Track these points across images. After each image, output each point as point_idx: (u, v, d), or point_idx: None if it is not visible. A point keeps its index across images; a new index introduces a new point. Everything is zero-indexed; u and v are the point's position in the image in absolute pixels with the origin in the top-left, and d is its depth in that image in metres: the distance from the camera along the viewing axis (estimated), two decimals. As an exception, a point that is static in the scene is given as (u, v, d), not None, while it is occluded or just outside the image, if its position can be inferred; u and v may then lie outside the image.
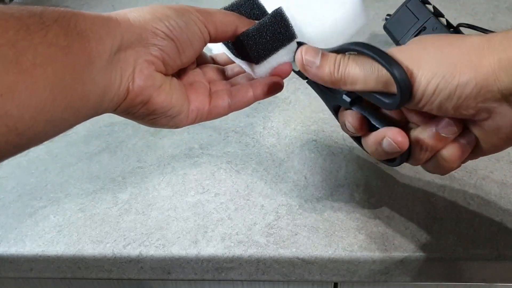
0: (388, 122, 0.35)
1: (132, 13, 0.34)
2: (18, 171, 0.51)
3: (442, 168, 0.35)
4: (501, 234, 0.42)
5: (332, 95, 0.39)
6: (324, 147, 0.52)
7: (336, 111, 0.40)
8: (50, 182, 0.50)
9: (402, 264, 0.41)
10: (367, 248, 0.41)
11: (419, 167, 0.49)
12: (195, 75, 0.40)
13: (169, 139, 0.54)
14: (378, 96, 0.33)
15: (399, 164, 0.36)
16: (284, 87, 0.62)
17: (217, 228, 0.44)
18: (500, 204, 0.45)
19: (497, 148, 0.33)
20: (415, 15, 0.61)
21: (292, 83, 0.62)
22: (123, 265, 0.43)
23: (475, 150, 0.34)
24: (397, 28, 0.64)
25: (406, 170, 0.48)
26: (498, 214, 0.44)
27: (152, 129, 0.55)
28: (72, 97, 0.29)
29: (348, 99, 0.36)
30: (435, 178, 0.47)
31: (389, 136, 0.33)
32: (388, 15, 0.69)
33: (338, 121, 0.39)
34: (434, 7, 0.62)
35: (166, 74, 0.36)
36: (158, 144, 0.54)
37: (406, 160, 0.36)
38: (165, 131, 0.55)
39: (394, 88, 0.31)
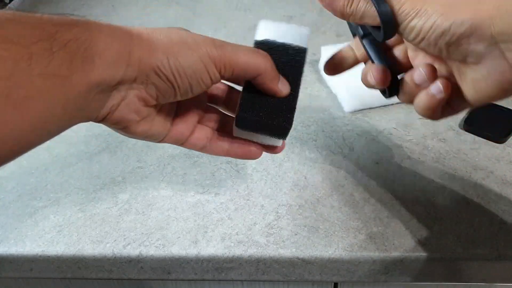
0: (391, 61, 0.38)
1: (153, 40, 0.33)
2: (18, 171, 0.51)
3: (421, 110, 0.37)
4: (501, 234, 0.42)
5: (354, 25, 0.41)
6: (324, 147, 0.52)
7: (354, 35, 0.42)
8: (50, 182, 0.50)
9: (402, 264, 0.41)
10: (367, 248, 0.41)
11: (419, 168, 0.49)
12: (191, 101, 0.38)
13: (169, 139, 0.54)
14: (374, 30, 0.35)
15: (388, 97, 0.38)
16: (284, 87, 0.62)
17: (217, 228, 0.44)
18: (500, 204, 0.45)
19: (483, 96, 0.34)
20: None
21: (292, 83, 0.62)
22: (123, 265, 0.43)
23: (458, 101, 0.35)
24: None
25: (406, 170, 0.48)
26: (498, 214, 0.44)
27: (152, 129, 0.55)
28: (58, 124, 0.29)
29: (361, 32, 0.39)
30: (435, 178, 0.47)
31: (372, 71, 0.37)
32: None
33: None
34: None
35: (156, 106, 0.35)
36: (158, 144, 0.53)
37: (395, 94, 0.38)
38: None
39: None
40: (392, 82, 0.37)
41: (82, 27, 0.29)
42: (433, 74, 0.35)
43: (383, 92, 0.39)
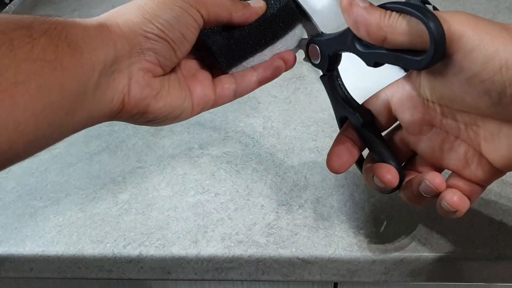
0: (393, 152, 0.35)
1: (121, 17, 0.32)
2: (18, 171, 0.51)
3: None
4: (501, 234, 0.42)
5: (343, 106, 0.38)
6: (324, 147, 0.52)
7: (342, 122, 0.39)
8: (50, 182, 0.50)
9: (402, 264, 0.41)
10: (367, 248, 0.41)
11: (419, 167, 0.49)
12: (194, 64, 0.38)
13: (169, 139, 0.54)
14: (408, 56, 0.30)
15: (388, 193, 0.37)
16: (284, 87, 0.62)
17: (217, 228, 0.44)
18: (500, 204, 0.45)
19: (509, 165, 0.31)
20: None
21: (292, 83, 0.62)
22: (123, 265, 0.43)
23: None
24: None
25: (406, 170, 0.48)
26: (498, 214, 0.44)
27: (152, 129, 0.55)
28: (59, 115, 0.27)
29: (360, 120, 0.35)
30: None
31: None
32: (388, 15, 0.69)
33: (338, 121, 0.39)
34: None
35: (163, 75, 0.35)
36: (158, 144, 0.54)
37: (397, 189, 0.36)
38: (165, 131, 0.55)
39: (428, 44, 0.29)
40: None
41: (55, 20, 0.28)
42: (442, 185, 0.32)
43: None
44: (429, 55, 0.28)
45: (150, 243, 0.43)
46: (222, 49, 0.36)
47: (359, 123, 0.36)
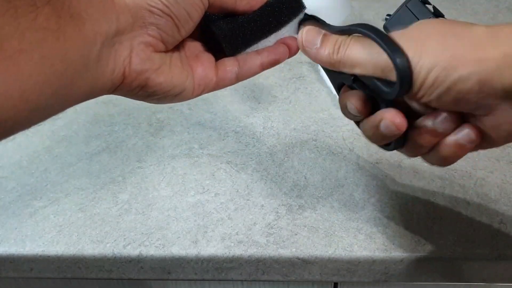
0: (390, 103, 0.33)
1: None
2: (18, 171, 0.51)
3: (442, 161, 0.34)
4: (501, 234, 0.42)
5: (337, 72, 0.37)
6: (324, 147, 0.52)
7: (339, 89, 0.38)
8: (50, 182, 0.50)
9: (402, 264, 0.41)
10: (367, 248, 0.41)
11: (418, 168, 0.49)
12: (198, 45, 0.38)
13: (169, 139, 0.54)
14: (377, 82, 0.31)
15: (393, 149, 0.35)
16: (284, 87, 0.62)
17: (217, 228, 0.44)
18: (500, 204, 0.45)
19: (494, 144, 0.32)
20: (415, 15, 0.61)
21: (292, 83, 0.62)
22: (123, 265, 0.43)
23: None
24: (397, 28, 0.63)
25: (406, 170, 0.48)
26: (498, 214, 0.44)
27: (152, 129, 0.55)
28: (61, 84, 0.27)
29: (351, 77, 0.35)
30: (435, 178, 0.47)
31: (387, 118, 0.32)
32: (388, 15, 0.69)
33: (340, 102, 0.38)
34: (434, 7, 0.62)
35: (166, 51, 0.34)
36: (158, 144, 0.54)
37: (401, 146, 0.34)
38: (165, 131, 0.55)
39: (393, 76, 0.30)
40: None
41: None
42: (459, 119, 0.32)
43: (386, 144, 0.35)
44: (395, 90, 0.29)
45: (150, 243, 0.43)
46: (226, 35, 0.36)
47: (351, 80, 0.35)
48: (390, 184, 0.47)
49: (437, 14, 0.60)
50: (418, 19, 0.60)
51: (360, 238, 0.42)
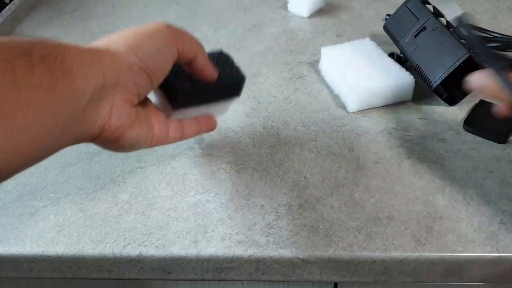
0: None
1: (112, 46, 0.35)
2: (18, 171, 0.51)
3: None
4: (501, 234, 0.42)
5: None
6: (324, 147, 0.52)
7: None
8: (50, 182, 0.50)
9: (402, 264, 0.41)
10: (367, 248, 0.41)
11: (418, 168, 0.49)
12: (150, 100, 0.41)
13: (169, 139, 0.54)
14: None
15: None
16: (284, 87, 0.62)
17: (217, 228, 0.44)
18: (500, 204, 0.45)
19: None
20: (415, 15, 0.61)
21: (292, 83, 0.62)
22: (123, 265, 0.43)
23: None
24: (397, 28, 0.64)
25: (406, 170, 0.48)
26: (498, 214, 0.44)
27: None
28: (50, 137, 0.29)
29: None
30: (435, 178, 0.47)
31: None
32: (388, 15, 0.69)
33: None
34: (434, 7, 0.62)
35: (137, 105, 0.37)
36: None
37: None
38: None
39: None
40: None
41: (52, 44, 0.30)
42: None
43: None
44: None
45: (150, 243, 0.43)
46: (180, 90, 0.41)
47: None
48: (390, 184, 0.47)
49: (437, 14, 0.60)
50: (418, 19, 0.60)
51: (360, 238, 0.42)
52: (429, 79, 0.55)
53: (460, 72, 0.53)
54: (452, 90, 0.56)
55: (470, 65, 0.53)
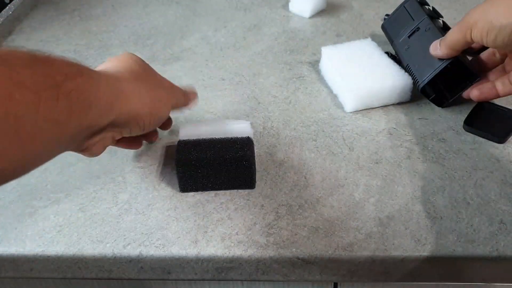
0: None
1: (136, 95, 0.40)
2: (18, 171, 0.51)
3: None
4: (501, 234, 0.42)
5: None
6: (324, 147, 0.52)
7: None
8: (50, 182, 0.50)
9: (402, 264, 0.42)
10: (367, 248, 0.41)
11: (419, 168, 0.49)
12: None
13: (169, 139, 0.54)
14: None
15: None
16: (284, 87, 0.62)
17: (217, 228, 0.44)
18: (500, 204, 0.45)
19: None
20: (411, 16, 0.62)
21: (292, 83, 0.62)
22: (123, 265, 0.43)
23: None
24: (393, 27, 0.64)
25: (406, 170, 0.48)
26: (498, 214, 0.44)
27: (152, 129, 0.55)
28: (46, 157, 0.33)
29: None
30: (435, 178, 0.47)
31: None
32: (386, 15, 0.69)
33: None
34: (432, 8, 0.62)
35: None
36: (159, 144, 0.54)
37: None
38: (165, 131, 0.55)
39: None
40: None
41: (85, 77, 0.33)
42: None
43: None
44: None
45: (150, 243, 0.43)
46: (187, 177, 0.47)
47: None
48: (390, 184, 0.47)
49: (433, 15, 0.60)
50: (413, 20, 0.60)
51: (360, 238, 0.42)
52: (417, 79, 0.55)
53: (448, 73, 0.53)
54: (440, 91, 0.56)
55: (457, 67, 0.53)
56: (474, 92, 0.53)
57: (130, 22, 0.79)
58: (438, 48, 0.53)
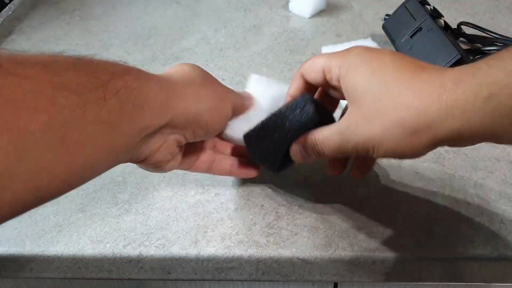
0: None
1: (194, 92, 0.36)
2: (18, 171, 0.51)
3: None
4: (501, 234, 0.42)
5: None
6: (324, 147, 0.52)
7: None
8: (50, 182, 0.50)
9: (402, 264, 0.41)
10: (367, 248, 0.41)
11: (419, 168, 0.49)
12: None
13: (169, 139, 0.54)
14: None
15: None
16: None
17: (217, 228, 0.44)
18: (500, 204, 0.45)
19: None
20: (412, 16, 0.61)
21: (292, 83, 0.62)
22: (123, 265, 0.43)
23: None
24: (395, 28, 0.64)
25: (406, 170, 0.48)
26: (498, 214, 0.44)
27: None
28: (100, 168, 0.30)
29: None
30: (435, 178, 0.47)
31: None
32: (387, 15, 0.69)
33: None
34: (433, 8, 0.62)
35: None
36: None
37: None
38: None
39: None
40: None
41: (133, 75, 0.31)
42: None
43: None
44: None
45: (150, 243, 0.43)
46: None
47: None
48: (390, 184, 0.47)
49: (435, 15, 0.60)
50: (415, 20, 0.60)
51: (360, 238, 0.42)
52: None
53: None
54: None
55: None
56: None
57: (130, 22, 0.79)
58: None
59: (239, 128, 0.42)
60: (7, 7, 0.81)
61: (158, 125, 0.33)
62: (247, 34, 0.74)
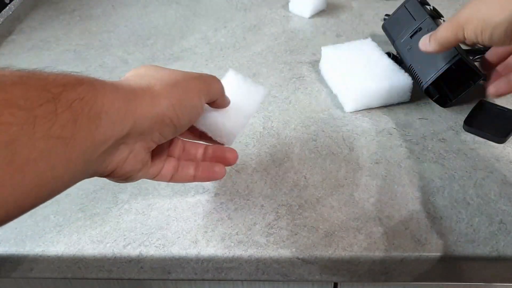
0: None
1: (154, 91, 0.34)
2: (18, 171, 0.51)
3: None
4: (501, 234, 0.42)
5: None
6: (324, 147, 0.52)
7: None
8: (50, 182, 0.50)
9: (402, 264, 0.42)
10: (367, 248, 0.41)
11: (418, 168, 0.49)
12: (166, 143, 0.40)
13: (169, 139, 0.54)
14: None
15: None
16: (284, 87, 0.62)
17: (217, 228, 0.44)
18: (500, 204, 0.45)
19: None
20: (412, 16, 0.62)
21: (292, 83, 0.62)
22: (123, 265, 0.43)
23: None
24: (394, 28, 0.64)
25: (406, 170, 0.48)
26: (498, 214, 0.44)
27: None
28: (57, 186, 0.28)
29: None
30: (435, 178, 0.47)
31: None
32: (387, 15, 0.69)
33: None
34: (433, 8, 0.62)
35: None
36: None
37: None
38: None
39: None
40: None
41: (87, 85, 0.29)
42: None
43: None
44: None
45: (150, 243, 0.43)
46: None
47: None
48: (390, 184, 0.47)
49: (435, 15, 0.60)
50: (415, 20, 0.60)
51: (360, 238, 0.42)
52: (420, 80, 0.55)
53: (451, 74, 0.53)
54: (444, 91, 0.56)
55: (461, 67, 0.53)
56: (491, 90, 0.51)
57: (130, 22, 0.79)
58: (428, 44, 0.51)
59: (211, 117, 0.42)
60: (7, 7, 0.81)
61: (119, 135, 0.31)
62: (247, 34, 0.74)
